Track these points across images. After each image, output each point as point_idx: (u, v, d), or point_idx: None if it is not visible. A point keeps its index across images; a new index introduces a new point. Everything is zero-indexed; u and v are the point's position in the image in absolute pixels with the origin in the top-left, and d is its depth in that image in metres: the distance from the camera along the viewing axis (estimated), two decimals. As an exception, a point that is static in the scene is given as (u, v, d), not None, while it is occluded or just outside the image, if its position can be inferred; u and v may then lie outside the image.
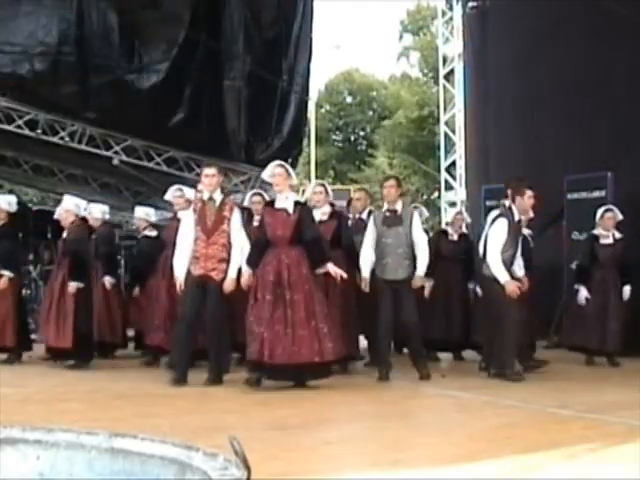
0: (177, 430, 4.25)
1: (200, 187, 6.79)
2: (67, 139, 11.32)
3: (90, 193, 15.00)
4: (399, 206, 6.94)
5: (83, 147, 11.47)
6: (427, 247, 6.94)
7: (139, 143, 11.60)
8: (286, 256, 6.15)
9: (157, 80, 11.34)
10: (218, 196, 6.53)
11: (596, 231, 8.29)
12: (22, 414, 4.70)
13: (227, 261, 6.37)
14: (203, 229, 6.41)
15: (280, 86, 12.30)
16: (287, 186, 6.37)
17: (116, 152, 11.60)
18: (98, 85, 11.03)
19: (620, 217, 8.27)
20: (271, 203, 6.53)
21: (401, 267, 6.75)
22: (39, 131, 11.17)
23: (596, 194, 10.21)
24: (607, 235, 8.23)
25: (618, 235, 8.26)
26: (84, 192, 15.02)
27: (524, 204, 6.87)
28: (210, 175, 6.48)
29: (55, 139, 11.33)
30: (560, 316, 9.52)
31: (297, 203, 6.36)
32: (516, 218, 6.83)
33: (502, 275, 6.66)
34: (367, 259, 6.87)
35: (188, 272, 6.40)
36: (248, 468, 1.47)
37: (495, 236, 6.76)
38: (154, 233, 8.47)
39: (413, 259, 6.79)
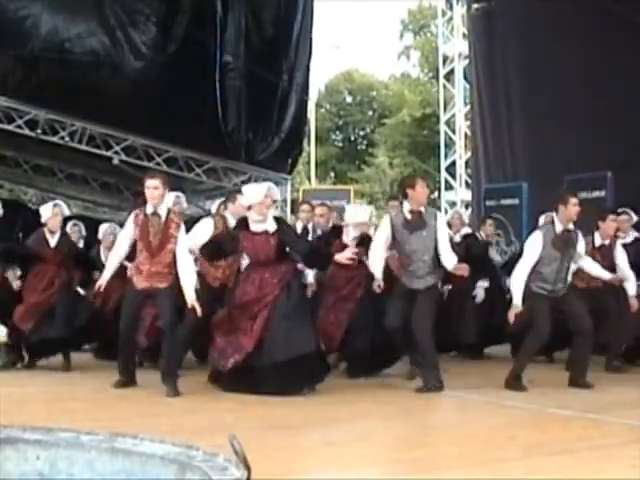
0: (177, 430, 4.25)
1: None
2: (67, 139, 11.32)
3: (90, 193, 15.04)
4: (423, 208, 6.35)
5: (83, 147, 11.47)
6: (453, 253, 6.46)
7: (139, 143, 11.60)
8: (271, 274, 6.03)
9: (156, 79, 11.34)
10: (163, 211, 6.05)
11: None
12: (22, 414, 4.70)
13: (172, 274, 6.04)
14: (147, 247, 6.00)
15: (280, 86, 12.31)
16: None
17: (116, 152, 11.60)
18: (96, 84, 11.02)
19: (635, 219, 8.19)
20: (245, 225, 6.14)
21: (423, 277, 6.29)
22: (39, 131, 11.17)
23: (596, 194, 10.22)
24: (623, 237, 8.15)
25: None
26: (84, 192, 15.07)
27: (568, 213, 6.45)
28: (152, 187, 5.95)
29: (55, 139, 11.33)
30: None
31: (276, 221, 6.17)
32: (558, 229, 6.40)
33: (515, 293, 6.27)
34: (380, 258, 6.44)
35: (129, 282, 6.25)
36: (248, 468, 1.47)
37: (525, 250, 6.48)
38: None
39: (435, 266, 6.33)
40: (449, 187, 16.74)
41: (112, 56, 11.16)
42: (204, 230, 6.66)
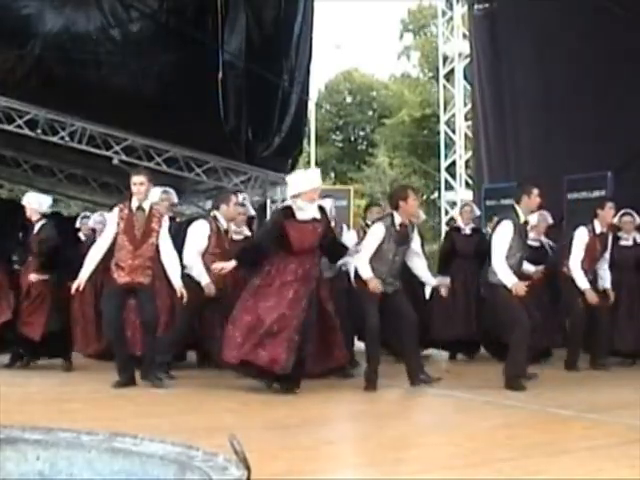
0: (177, 430, 4.25)
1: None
2: (67, 139, 11.32)
3: (90, 193, 15.04)
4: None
5: (83, 147, 11.47)
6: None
7: (139, 143, 11.60)
8: (310, 266, 6.08)
9: (158, 79, 11.35)
10: (147, 205, 6.29)
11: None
12: (22, 414, 4.70)
13: (152, 269, 6.27)
14: (131, 240, 6.18)
15: (281, 86, 12.31)
16: None
17: (116, 152, 11.60)
18: (98, 83, 11.02)
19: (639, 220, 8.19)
20: (292, 214, 6.10)
21: (393, 283, 6.43)
22: (39, 131, 11.17)
23: (596, 194, 10.23)
24: (627, 238, 8.17)
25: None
26: (84, 192, 15.08)
27: (531, 203, 6.47)
28: (139, 183, 6.22)
29: (55, 139, 11.33)
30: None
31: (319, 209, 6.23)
32: (522, 219, 6.44)
33: (508, 278, 6.24)
34: (367, 264, 6.40)
35: (110, 279, 6.29)
36: (248, 468, 1.47)
37: (499, 239, 6.39)
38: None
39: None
40: (449, 187, 16.73)
41: (112, 55, 11.16)
42: (201, 232, 6.67)
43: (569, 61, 11.51)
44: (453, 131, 16.64)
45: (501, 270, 6.27)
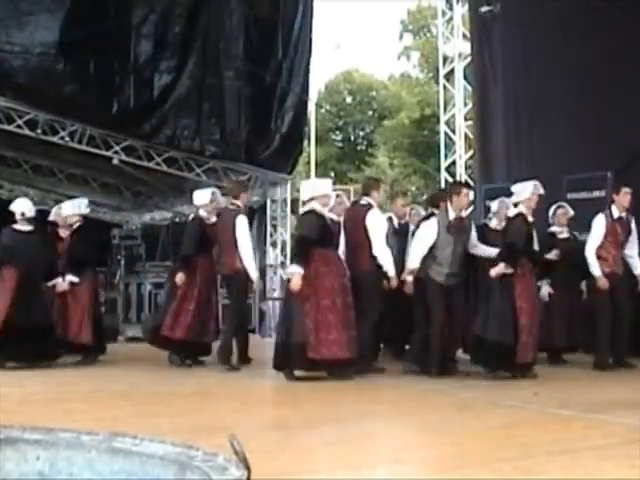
0: (177, 430, 4.25)
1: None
2: (67, 139, 11.32)
3: (90, 193, 15.03)
4: (464, 213, 7.45)
5: (83, 147, 11.47)
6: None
7: (139, 143, 11.60)
8: None
9: (157, 80, 11.35)
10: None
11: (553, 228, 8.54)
12: (22, 414, 4.70)
13: None
14: None
15: (280, 86, 12.31)
16: None
17: (116, 152, 11.60)
18: (97, 85, 11.02)
19: (572, 213, 8.49)
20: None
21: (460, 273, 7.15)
22: (39, 131, 11.17)
23: (596, 194, 10.22)
24: (561, 231, 8.47)
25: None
26: (84, 192, 15.06)
27: (460, 202, 7.13)
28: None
29: (55, 139, 11.33)
30: None
31: None
32: (451, 217, 7.06)
33: (410, 261, 7.14)
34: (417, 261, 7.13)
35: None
36: (248, 468, 1.47)
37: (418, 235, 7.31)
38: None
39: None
40: (449, 187, 16.72)
41: (110, 59, 11.16)
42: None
43: (569, 61, 11.51)
44: (453, 131, 16.62)
45: (410, 259, 7.16)
